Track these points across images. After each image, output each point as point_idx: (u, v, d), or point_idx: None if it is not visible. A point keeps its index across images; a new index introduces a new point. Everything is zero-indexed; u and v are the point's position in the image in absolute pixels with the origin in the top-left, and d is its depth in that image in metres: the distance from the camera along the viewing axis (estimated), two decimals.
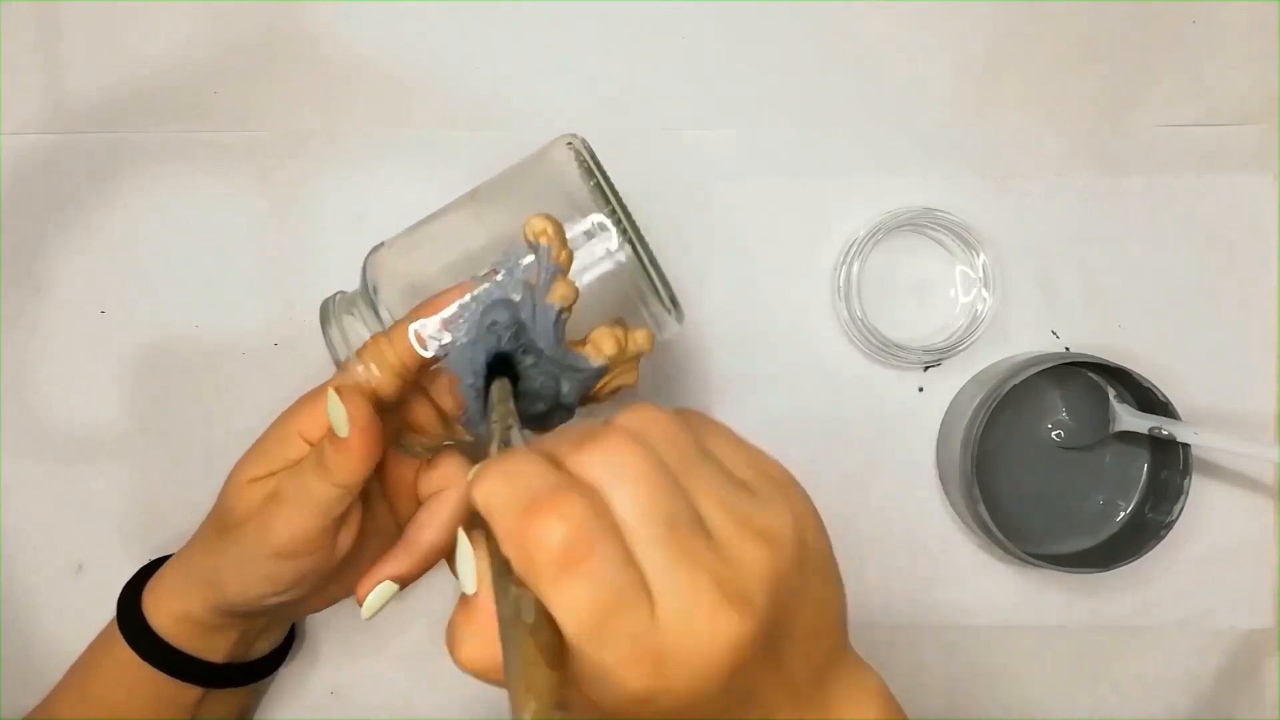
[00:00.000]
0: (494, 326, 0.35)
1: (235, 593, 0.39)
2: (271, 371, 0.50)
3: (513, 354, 0.36)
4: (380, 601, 0.38)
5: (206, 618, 0.40)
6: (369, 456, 0.36)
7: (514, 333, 0.35)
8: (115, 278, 0.51)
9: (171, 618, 0.41)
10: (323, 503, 0.36)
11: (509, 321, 0.35)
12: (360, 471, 0.36)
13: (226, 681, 0.43)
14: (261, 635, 0.44)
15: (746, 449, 0.29)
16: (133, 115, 0.51)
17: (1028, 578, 0.51)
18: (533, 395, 0.36)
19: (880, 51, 0.51)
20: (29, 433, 0.50)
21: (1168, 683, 0.51)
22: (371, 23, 0.51)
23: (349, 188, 0.51)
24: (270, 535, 0.37)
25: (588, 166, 0.38)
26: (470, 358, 0.35)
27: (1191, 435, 0.46)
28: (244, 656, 0.43)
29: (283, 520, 0.37)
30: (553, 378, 0.36)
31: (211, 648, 0.41)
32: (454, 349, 0.36)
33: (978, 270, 0.50)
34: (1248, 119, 0.51)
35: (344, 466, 0.36)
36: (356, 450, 0.35)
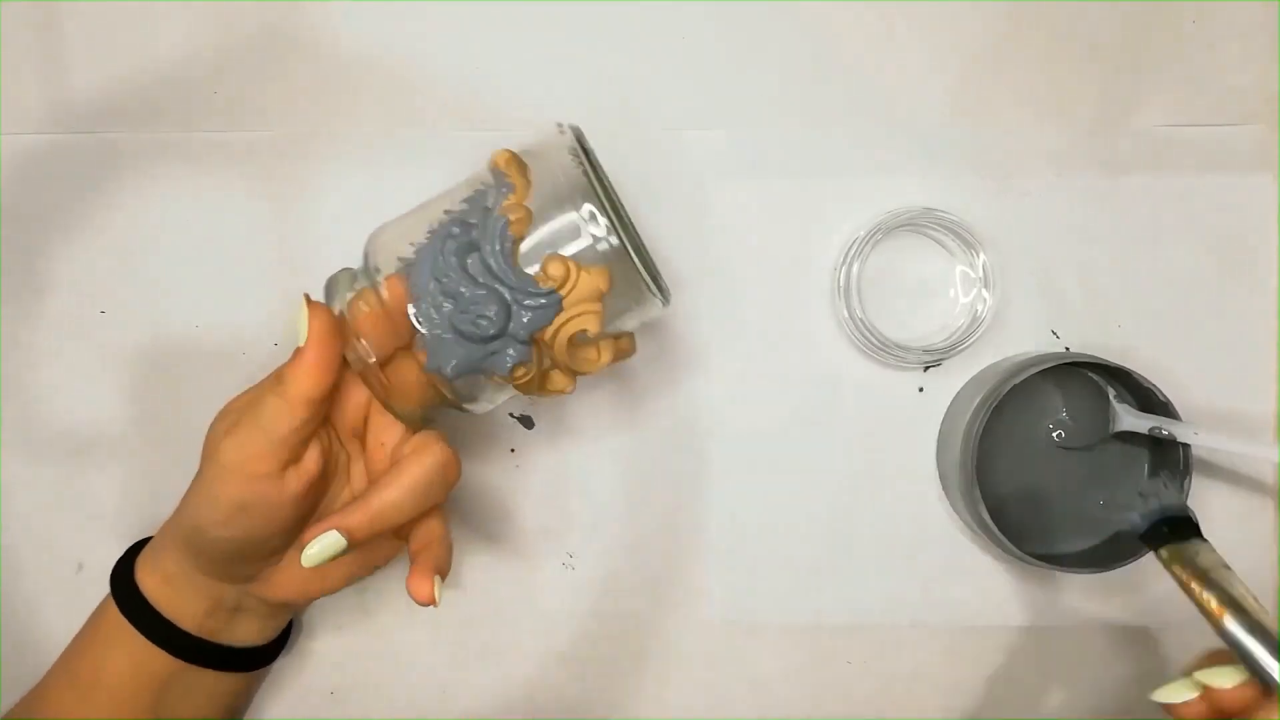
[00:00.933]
0: (448, 242, 0.36)
1: (188, 521, 0.39)
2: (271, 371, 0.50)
3: (1192, 519, 0.39)
4: (324, 552, 0.37)
5: (176, 571, 0.41)
6: (320, 369, 0.37)
7: (466, 243, 0.36)
8: (115, 278, 0.51)
9: (151, 574, 0.42)
10: (271, 418, 0.37)
11: (461, 235, 0.36)
12: (309, 384, 0.37)
13: (195, 657, 0.42)
14: (236, 617, 0.43)
15: None
16: (133, 115, 0.51)
17: (1028, 578, 0.51)
18: (480, 311, 0.36)
19: (880, 51, 0.51)
20: (29, 433, 0.50)
21: (1168, 683, 0.51)
22: (372, 22, 0.51)
23: (349, 187, 0.51)
24: (221, 453, 0.38)
25: (577, 153, 0.38)
26: (425, 274, 0.37)
27: (1191, 435, 0.46)
28: (218, 635, 0.43)
29: (233, 439, 0.38)
30: (503, 303, 0.36)
31: (183, 611, 0.42)
32: (413, 271, 0.37)
33: (978, 270, 0.50)
34: (1248, 119, 0.51)
35: (298, 378, 0.37)
36: (312, 359, 0.37)
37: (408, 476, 0.38)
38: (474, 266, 0.36)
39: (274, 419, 0.37)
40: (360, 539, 0.38)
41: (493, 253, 0.36)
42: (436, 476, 0.39)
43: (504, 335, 0.37)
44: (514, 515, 0.51)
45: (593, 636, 0.51)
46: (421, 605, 0.39)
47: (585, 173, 0.37)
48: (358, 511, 0.38)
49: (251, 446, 0.37)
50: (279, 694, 0.50)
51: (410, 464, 0.39)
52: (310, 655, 0.51)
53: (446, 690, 0.51)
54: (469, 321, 0.36)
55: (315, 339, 0.37)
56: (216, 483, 0.38)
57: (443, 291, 0.37)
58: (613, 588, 0.51)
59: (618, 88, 0.51)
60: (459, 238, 0.37)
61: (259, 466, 0.37)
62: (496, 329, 0.36)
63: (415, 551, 0.41)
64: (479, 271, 0.36)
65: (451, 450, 0.40)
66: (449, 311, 0.37)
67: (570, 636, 0.51)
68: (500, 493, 0.51)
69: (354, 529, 0.38)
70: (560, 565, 0.51)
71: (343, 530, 0.38)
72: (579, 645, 0.51)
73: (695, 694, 0.51)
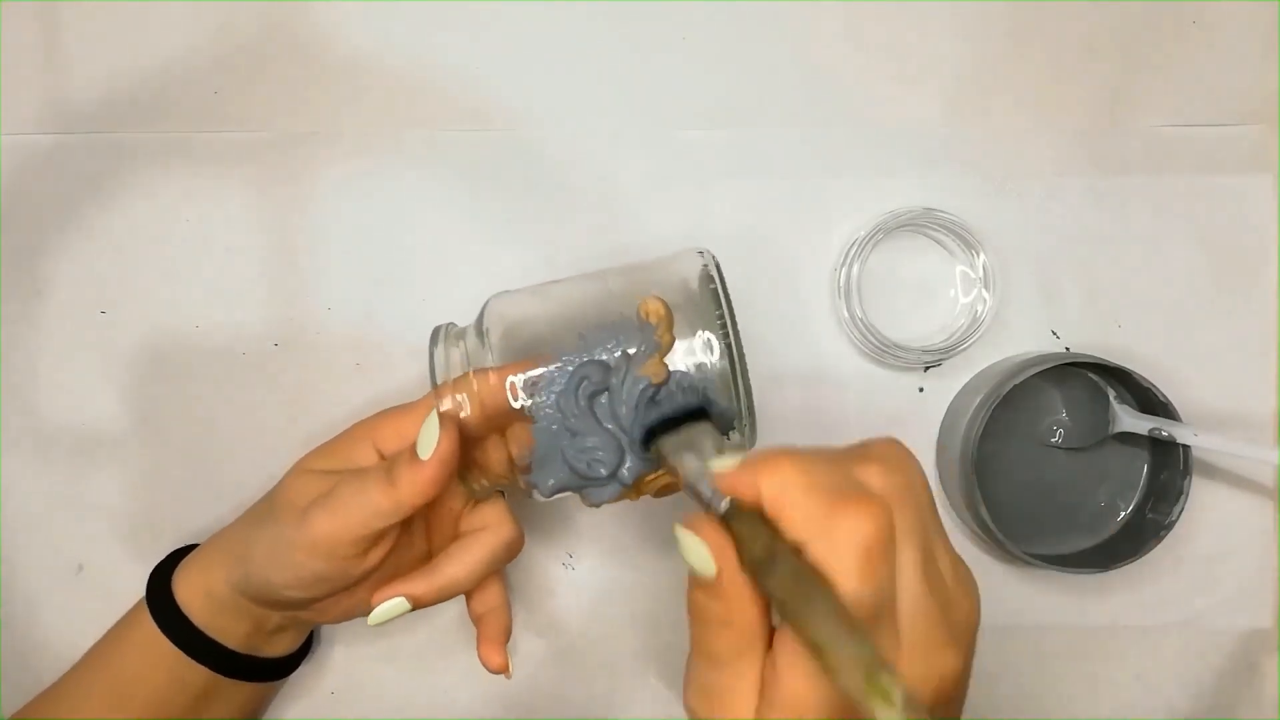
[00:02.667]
0: (584, 384, 0.37)
1: (258, 573, 0.39)
2: (271, 371, 0.50)
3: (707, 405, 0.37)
4: (389, 614, 0.39)
5: (226, 596, 0.41)
6: (438, 486, 0.37)
7: (598, 391, 0.37)
8: (115, 278, 0.51)
9: (193, 590, 0.42)
10: (373, 513, 0.37)
11: (598, 380, 0.37)
12: (422, 495, 0.37)
13: (235, 671, 0.43)
14: (275, 635, 0.44)
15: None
16: (133, 115, 0.51)
17: (1028, 578, 0.51)
18: (596, 456, 0.37)
19: (881, 51, 0.51)
20: (29, 432, 0.50)
21: (1168, 683, 0.51)
22: (371, 23, 0.51)
23: (349, 188, 0.51)
24: (310, 526, 0.37)
25: (710, 279, 0.39)
26: (552, 403, 0.37)
27: (1191, 436, 0.46)
28: (257, 650, 0.44)
29: (328, 516, 0.37)
30: (620, 452, 0.37)
31: (227, 631, 0.42)
32: (542, 393, 0.37)
33: (978, 270, 0.50)
34: (1248, 119, 0.51)
35: (411, 487, 0.37)
36: (429, 477, 0.37)
37: (476, 553, 0.40)
38: (600, 410, 0.37)
39: (378, 516, 0.37)
40: (423, 605, 0.40)
41: (625, 407, 0.36)
42: (504, 554, 0.41)
43: (611, 477, 0.37)
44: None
45: (593, 636, 0.51)
46: (494, 673, 0.41)
47: (721, 313, 0.38)
48: (425, 582, 0.40)
49: (346, 531, 0.37)
50: (281, 694, 0.50)
51: (480, 542, 0.40)
52: (313, 656, 0.51)
53: (446, 690, 0.51)
54: (583, 460, 0.37)
55: (440, 458, 0.36)
56: (300, 553, 0.38)
57: (565, 425, 0.37)
58: (612, 588, 0.51)
59: (618, 88, 0.51)
60: (594, 381, 0.37)
61: (350, 550, 0.38)
62: (609, 472, 0.37)
63: (478, 616, 0.43)
64: (605, 416, 0.37)
65: (519, 529, 0.41)
66: (566, 440, 0.37)
67: (570, 636, 0.51)
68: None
69: (419, 598, 0.40)
70: (560, 565, 0.51)
71: (409, 598, 0.39)
72: (579, 645, 0.51)
73: None
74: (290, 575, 0.38)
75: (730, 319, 0.38)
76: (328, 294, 0.51)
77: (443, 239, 0.51)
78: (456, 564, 0.40)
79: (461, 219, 0.51)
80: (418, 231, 0.51)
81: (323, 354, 0.50)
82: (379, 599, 0.39)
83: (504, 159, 0.51)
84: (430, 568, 0.40)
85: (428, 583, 0.40)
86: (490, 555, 0.40)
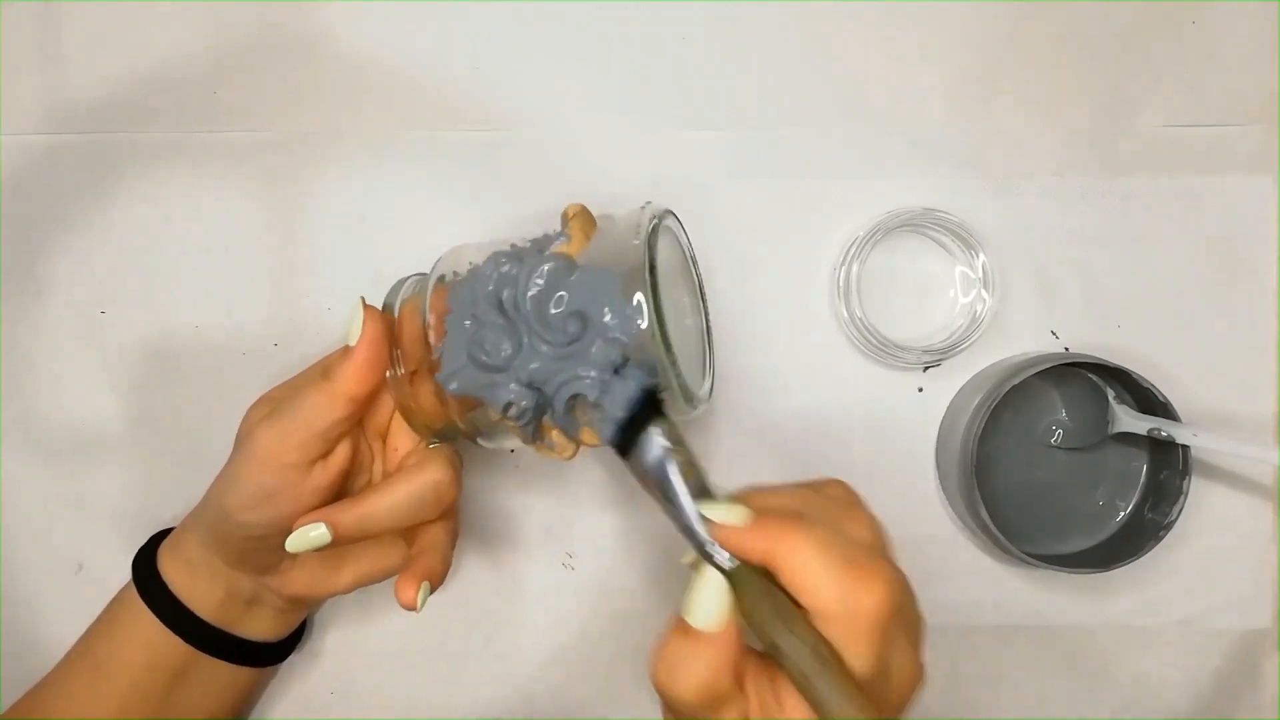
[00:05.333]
0: (497, 268, 0.37)
1: (214, 502, 0.40)
2: (271, 371, 0.50)
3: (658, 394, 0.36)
4: (307, 541, 0.38)
5: (198, 556, 0.42)
6: (368, 370, 0.38)
7: (510, 277, 0.37)
8: (115, 278, 0.51)
9: (173, 560, 0.43)
10: (311, 410, 0.38)
11: (510, 267, 0.37)
12: (354, 382, 0.38)
13: (210, 646, 0.43)
14: (251, 611, 0.44)
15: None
16: (133, 115, 0.51)
17: (1028, 578, 0.51)
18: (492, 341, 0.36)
19: (880, 52, 0.51)
20: (29, 432, 0.50)
21: (1168, 683, 0.51)
22: (372, 23, 0.51)
23: (349, 188, 0.51)
24: (256, 438, 0.38)
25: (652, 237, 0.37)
26: (464, 289, 0.37)
27: (1190, 437, 0.46)
28: (231, 625, 0.43)
29: (271, 424, 0.38)
30: (516, 341, 0.36)
31: (200, 597, 0.42)
32: (459, 288, 0.38)
33: (977, 270, 0.50)
34: (1248, 119, 0.51)
35: (342, 375, 0.38)
36: (358, 359, 0.38)
37: (401, 488, 0.39)
38: (506, 299, 0.37)
39: (315, 411, 0.38)
40: (344, 537, 0.39)
41: (523, 291, 0.36)
42: (430, 493, 0.39)
43: (506, 370, 0.36)
44: (514, 515, 0.51)
45: (593, 636, 0.51)
46: (404, 608, 0.39)
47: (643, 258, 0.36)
48: (346, 511, 0.39)
49: (288, 436, 0.38)
50: (281, 694, 0.50)
51: (407, 476, 0.39)
52: (312, 655, 0.51)
53: (446, 690, 0.51)
54: (480, 346, 0.36)
55: (366, 340, 0.38)
56: (247, 467, 0.39)
57: (472, 312, 0.37)
58: (613, 588, 0.51)
59: (618, 88, 0.51)
60: (504, 268, 0.37)
61: (291, 456, 0.38)
62: (500, 362, 0.36)
63: (411, 557, 0.41)
64: (509, 305, 0.36)
65: (451, 471, 0.40)
66: (470, 331, 0.37)
67: (570, 636, 0.51)
68: (500, 493, 0.51)
69: (339, 525, 0.39)
70: (560, 565, 0.51)
71: (329, 524, 0.38)
72: (579, 645, 0.51)
73: None
74: (240, 494, 0.39)
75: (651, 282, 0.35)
76: (328, 294, 0.51)
77: (443, 239, 0.50)
78: (380, 494, 0.39)
79: (461, 219, 0.51)
80: (418, 231, 0.50)
81: (323, 354, 0.50)
82: (299, 522, 0.39)
83: (504, 159, 0.51)
84: (354, 497, 0.39)
85: (349, 511, 0.39)
86: (416, 491, 0.39)
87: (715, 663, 0.29)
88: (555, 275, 0.36)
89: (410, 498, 0.39)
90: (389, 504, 0.39)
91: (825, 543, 0.29)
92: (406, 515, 0.39)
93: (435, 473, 0.39)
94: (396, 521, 0.39)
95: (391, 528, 0.40)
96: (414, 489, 0.39)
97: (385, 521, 0.39)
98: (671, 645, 0.30)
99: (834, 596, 0.28)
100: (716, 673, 0.29)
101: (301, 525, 0.38)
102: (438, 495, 0.40)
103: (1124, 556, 0.47)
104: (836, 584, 0.28)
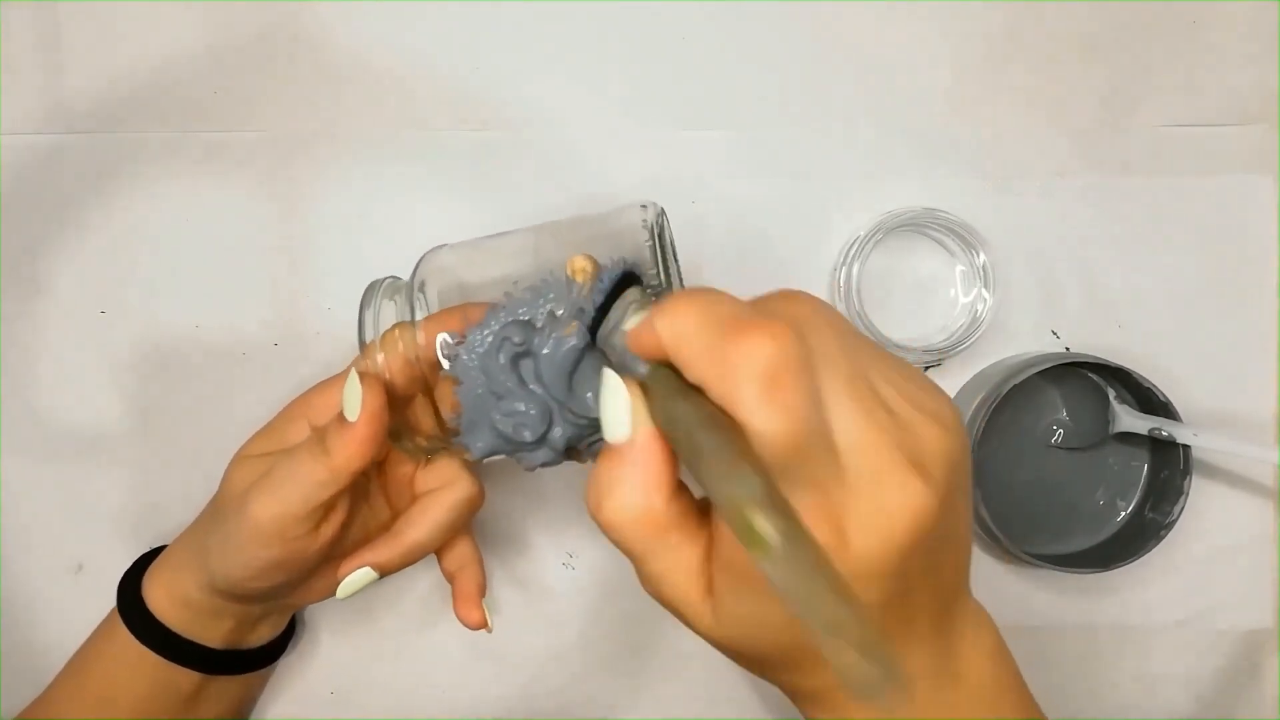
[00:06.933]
0: (505, 345, 0.35)
1: (219, 571, 0.39)
2: (271, 371, 0.50)
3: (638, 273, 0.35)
4: (356, 585, 0.39)
5: (201, 600, 0.41)
6: (370, 445, 0.35)
7: (522, 354, 0.35)
8: (115, 278, 0.51)
9: (168, 600, 0.41)
10: (311, 486, 0.36)
11: (521, 342, 0.35)
12: (357, 458, 0.36)
13: (225, 668, 0.43)
14: (260, 623, 0.44)
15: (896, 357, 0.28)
16: (133, 115, 0.51)
17: (1028, 578, 0.51)
18: (523, 421, 0.35)
19: (880, 51, 0.51)
20: (29, 433, 0.50)
21: (1168, 683, 0.51)
22: (371, 23, 0.51)
23: (349, 188, 0.51)
24: (251, 512, 0.36)
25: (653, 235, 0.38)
26: (475, 366, 0.35)
27: (1191, 436, 0.46)
28: (242, 643, 0.43)
29: (267, 498, 0.36)
30: (547, 414, 0.35)
31: (208, 632, 0.41)
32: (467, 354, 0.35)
33: (978, 270, 0.50)
34: (1248, 119, 0.51)
35: (343, 450, 0.35)
36: (360, 436, 0.35)
37: (434, 514, 0.40)
38: (526, 371, 0.35)
39: (316, 487, 0.36)
40: (390, 572, 0.40)
41: (549, 369, 0.35)
42: (464, 510, 0.40)
43: (540, 442, 0.36)
44: (514, 515, 0.51)
45: (593, 636, 0.51)
46: (473, 629, 0.40)
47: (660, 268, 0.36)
48: (389, 549, 0.39)
49: (288, 509, 0.36)
50: (280, 694, 0.50)
51: (437, 501, 0.40)
52: (311, 655, 0.51)
53: (446, 690, 0.51)
54: (509, 425, 0.35)
55: (368, 416, 0.35)
56: (251, 543, 0.37)
57: (489, 387, 0.35)
58: (613, 588, 0.51)
59: (618, 88, 0.51)
60: (517, 342, 0.35)
61: (296, 530, 0.37)
62: (535, 438, 0.35)
63: (451, 574, 0.42)
64: (530, 378, 0.35)
65: (478, 485, 0.41)
66: (492, 404, 0.35)
67: (570, 636, 0.51)
68: (501, 492, 0.51)
69: (385, 565, 0.39)
70: (560, 565, 0.51)
71: (375, 567, 0.39)
72: (579, 645, 0.51)
73: (695, 694, 0.51)
74: (248, 568, 0.38)
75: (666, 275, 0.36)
76: (328, 294, 0.51)
77: (442, 239, 0.50)
78: (417, 526, 0.39)
79: (461, 219, 0.50)
80: (418, 232, 0.50)
81: (323, 354, 0.50)
82: (344, 571, 0.39)
83: (504, 159, 0.51)
84: (391, 533, 0.40)
85: (390, 549, 0.39)
86: (450, 514, 0.39)
87: (638, 479, 0.26)
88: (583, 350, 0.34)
89: (447, 520, 0.40)
90: (428, 534, 0.40)
91: (709, 307, 0.25)
92: (445, 537, 0.40)
93: (464, 490, 0.40)
94: (436, 545, 0.40)
95: (432, 550, 0.41)
96: (449, 511, 0.40)
97: (427, 548, 0.40)
98: (596, 470, 0.27)
99: (707, 351, 0.24)
100: (642, 491, 0.26)
101: (347, 573, 0.39)
102: (471, 509, 0.40)
103: (1124, 556, 0.47)
104: (710, 339, 0.24)
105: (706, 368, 0.24)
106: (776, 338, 0.23)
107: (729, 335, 0.23)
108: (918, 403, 0.26)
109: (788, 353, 0.23)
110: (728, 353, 0.23)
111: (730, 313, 0.24)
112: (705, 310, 0.25)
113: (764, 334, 0.23)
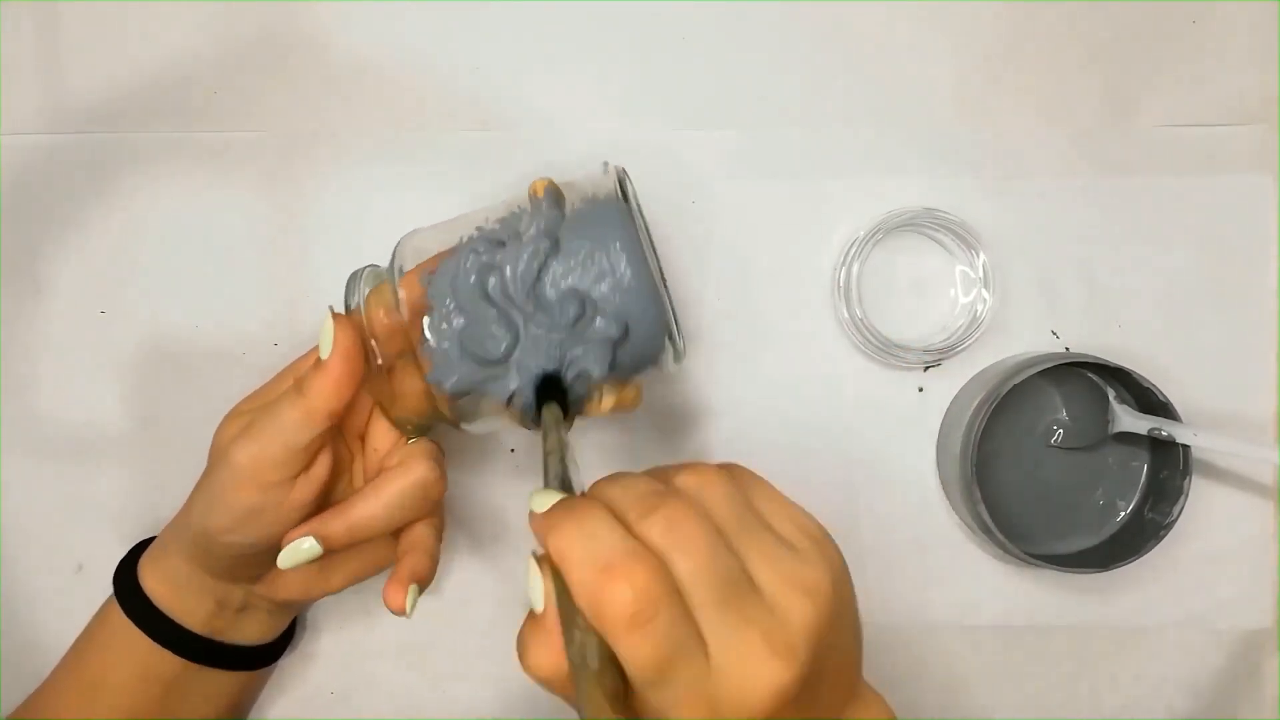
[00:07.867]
0: (473, 256, 0.36)
1: (198, 523, 0.39)
2: (271, 371, 0.50)
3: (561, 377, 0.36)
4: (297, 556, 0.38)
5: (184, 572, 0.41)
6: (343, 384, 0.37)
7: (489, 264, 0.36)
8: (115, 278, 0.51)
9: (156, 576, 0.42)
10: (288, 428, 0.37)
11: (487, 255, 0.36)
12: (332, 397, 0.36)
13: (202, 656, 0.42)
14: (241, 618, 0.44)
15: (788, 506, 0.32)
16: (133, 115, 0.51)
17: (1028, 578, 0.51)
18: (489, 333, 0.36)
19: (881, 51, 0.51)
20: (29, 432, 0.50)
21: (1168, 683, 0.51)
22: (371, 23, 0.51)
23: (349, 188, 0.51)
24: (233, 456, 0.37)
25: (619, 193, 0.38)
26: (445, 287, 0.36)
27: (1190, 436, 0.46)
28: (224, 634, 0.43)
29: (247, 442, 0.37)
30: (514, 329, 0.36)
31: (189, 611, 0.42)
32: (438, 282, 0.36)
33: (978, 270, 0.50)
34: (1248, 119, 0.51)
35: (319, 391, 0.36)
36: (333, 373, 0.36)
37: (386, 491, 0.39)
38: (493, 288, 0.36)
39: (293, 429, 0.37)
40: (335, 547, 0.39)
41: (513, 278, 0.36)
42: (418, 493, 0.39)
43: (508, 361, 0.36)
44: (511, 513, 0.51)
45: None
46: (393, 613, 0.39)
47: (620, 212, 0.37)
48: (334, 521, 0.38)
49: (267, 454, 0.37)
50: (281, 694, 0.50)
51: (391, 479, 0.39)
52: (312, 655, 0.51)
53: (446, 690, 0.51)
54: (476, 341, 0.36)
55: (340, 353, 0.36)
56: (229, 489, 0.38)
57: (457, 306, 0.36)
58: None
59: (619, 88, 0.51)
60: (483, 256, 0.36)
61: (273, 475, 0.37)
62: (502, 353, 0.36)
63: (398, 557, 0.41)
64: (497, 294, 0.36)
65: (435, 470, 0.40)
66: (460, 327, 0.36)
67: None
68: (500, 492, 0.51)
69: (329, 537, 0.38)
70: None
71: (318, 537, 0.38)
72: None
73: None
74: (223, 516, 0.38)
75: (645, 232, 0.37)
76: (328, 294, 0.50)
77: None
78: (367, 500, 0.39)
79: None
80: None
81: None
82: (288, 538, 0.38)
83: (504, 159, 0.51)
84: (341, 505, 0.39)
85: (337, 521, 0.38)
86: (401, 495, 0.39)
87: (552, 643, 0.29)
88: (545, 257, 0.36)
89: (398, 500, 0.39)
90: (377, 509, 0.39)
91: (589, 538, 0.28)
92: (396, 518, 0.39)
93: (421, 472, 0.39)
94: (386, 525, 0.39)
95: (382, 531, 0.39)
96: (401, 490, 0.39)
97: (375, 527, 0.39)
98: (523, 627, 0.30)
99: (584, 587, 0.27)
100: (555, 651, 0.29)
101: (291, 540, 0.38)
102: (425, 494, 0.39)
103: (1124, 556, 0.47)
104: (587, 578, 0.27)
105: (582, 598, 0.27)
106: (635, 584, 0.27)
107: (601, 575, 0.27)
108: (794, 578, 0.29)
109: (650, 592, 0.27)
110: (599, 591, 0.27)
111: (605, 550, 0.27)
112: (584, 547, 0.28)
113: (627, 582, 0.27)
